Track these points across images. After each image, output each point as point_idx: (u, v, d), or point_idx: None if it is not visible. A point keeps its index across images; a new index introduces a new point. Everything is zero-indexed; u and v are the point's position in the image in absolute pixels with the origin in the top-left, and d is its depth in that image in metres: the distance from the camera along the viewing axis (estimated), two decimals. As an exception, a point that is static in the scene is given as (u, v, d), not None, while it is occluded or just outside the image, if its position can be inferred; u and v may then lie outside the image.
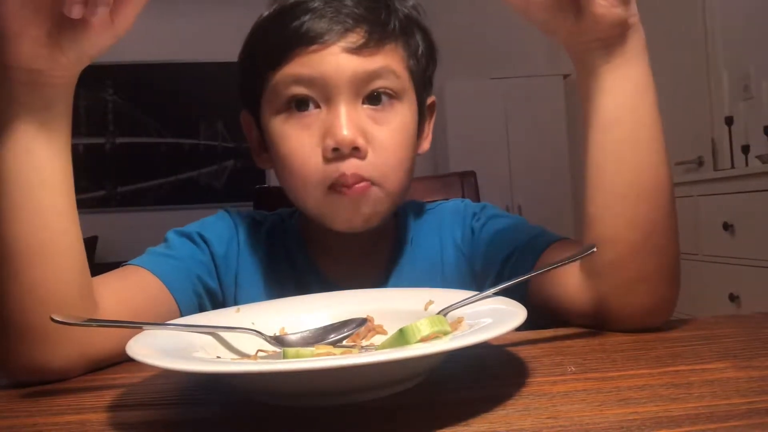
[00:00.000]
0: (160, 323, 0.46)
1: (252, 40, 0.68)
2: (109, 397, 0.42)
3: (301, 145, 0.62)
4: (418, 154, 0.70)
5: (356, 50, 0.61)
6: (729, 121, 2.51)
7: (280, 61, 0.62)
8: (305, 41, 0.61)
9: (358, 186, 0.61)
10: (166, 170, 4.25)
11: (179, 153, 4.26)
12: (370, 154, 0.62)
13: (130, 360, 0.36)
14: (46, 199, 0.47)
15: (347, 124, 0.60)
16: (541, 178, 4.02)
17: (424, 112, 0.71)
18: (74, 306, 0.49)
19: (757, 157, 2.20)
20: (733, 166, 2.43)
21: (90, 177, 4.10)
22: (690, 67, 2.85)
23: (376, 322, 0.51)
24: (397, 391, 0.37)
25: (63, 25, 0.44)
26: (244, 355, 0.46)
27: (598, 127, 0.51)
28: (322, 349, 0.43)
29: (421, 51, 0.68)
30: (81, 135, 4.09)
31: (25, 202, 0.47)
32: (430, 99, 0.73)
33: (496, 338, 0.34)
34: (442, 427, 0.31)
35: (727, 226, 2.06)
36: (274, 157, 0.67)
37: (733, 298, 2.04)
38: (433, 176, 1.30)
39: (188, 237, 0.69)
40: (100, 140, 4.17)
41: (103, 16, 0.43)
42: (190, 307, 0.64)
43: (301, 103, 0.62)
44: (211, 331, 0.46)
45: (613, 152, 0.51)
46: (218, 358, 0.44)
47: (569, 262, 0.49)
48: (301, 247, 0.73)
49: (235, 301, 0.69)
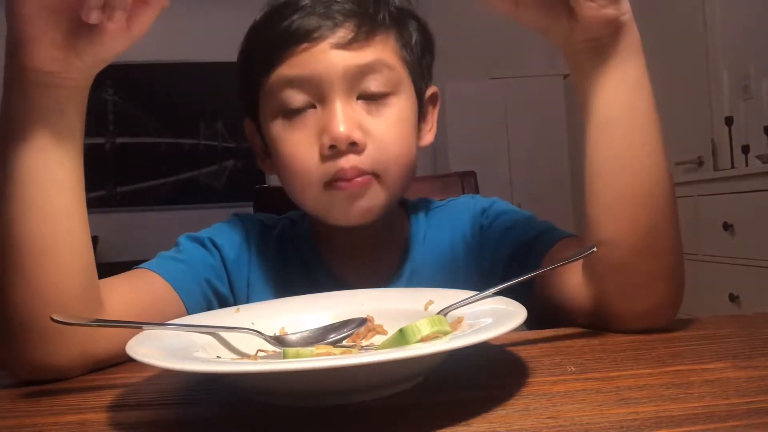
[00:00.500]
0: (160, 323, 0.46)
1: (246, 44, 0.68)
2: (109, 397, 0.42)
3: (299, 146, 0.63)
4: (421, 147, 0.70)
5: (346, 45, 0.61)
6: (729, 121, 2.51)
7: (273, 64, 0.63)
8: (295, 40, 0.61)
9: (358, 179, 0.61)
10: (166, 170, 4.25)
11: (179, 153, 4.26)
12: (369, 148, 0.62)
13: (130, 360, 0.36)
14: (57, 200, 0.48)
15: (343, 119, 0.60)
16: (541, 178, 4.02)
17: (423, 104, 0.71)
18: (80, 306, 0.49)
19: (757, 157, 2.20)
20: (733, 166, 2.43)
21: (90, 177, 4.00)
22: (690, 67, 2.86)
23: (376, 322, 0.51)
24: (397, 391, 0.37)
25: (79, 29, 0.44)
26: (244, 355, 0.46)
27: (595, 129, 0.51)
28: (322, 349, 0.43)
29: (415, 41, 0.68)
30: (81, 135, 4.08)
31: (35, 202, 0.47)
32: (431, 90, 0.73)
33: (496, 338, 0.34)
34: (442, 427, 0.31)
35: (727, 226, 2.06)
36: (275, 160, 0.67)
37: (733, 298, 2.05)
38: (433, 176, 1.30)
39: (199, 242, 0.70)
40: (100, 140, 4.17)
41: (120, 21, 0.43)
42: (199, 310, 0.63)
43: (297, 111, 0.62)
44: (212, 331, 0.47)
45: (611, 153, 0.51)
46: (218, 358, 0.44)
47: (569, 262, 0.49)
48: (312, 249, 0.73)
49: (248, 303, 0.69)
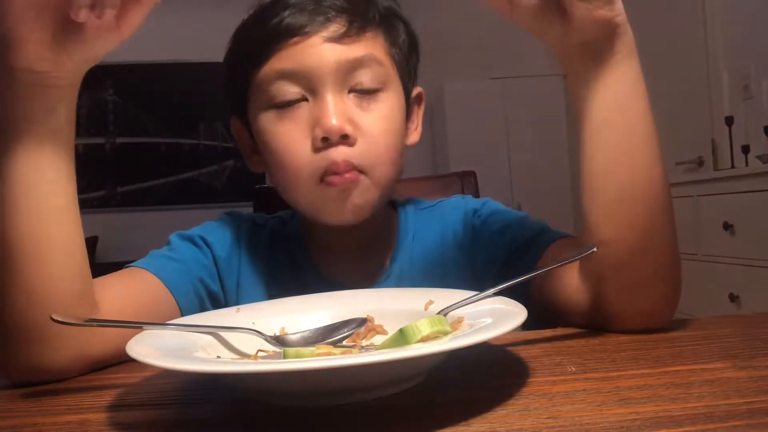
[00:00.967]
0: (160, 323, 0.46)
1: (235, 42, 0.69)
2: (109, 397, 0.42)
3: (291, 138, 0.63)
4: (408, 146, 0.71)
5: (338, 39, 0.62)
6: (729, 121, 2.51)
7: (264, 58, 0.63)
8: (286, 35, 0.62)
9: (348, 175, 0.61)
10: (166, 170, 4.25)
11: (179, 153, 4.27)
12: (359, 141, 0.62)
13: (130, 360, 0.36)
14: (49, 200, 0.47)
15: (335, 112, 0.61)
16: (541, 178, 4.03)
17: (409, 103, 0.72)
18: (74, 307, 0.49)
19: (757, 157, 2.20)
20: (733, 166, 2.43)
21: (90, 177, 4.10)
22: (690, 67, 2.86)
23: (376, 322, 0.51)
24: (397, 391, 0.37)
25: (68, 28, 0.44)
26: (244, 355, 0.46)
27: (590, 131, 0.51)
28: (322, 349, 0.43)
29: (402, 40, 0.69)
30: (81, 135, 4.03)
31: (27, 203, 0.46)
32: (417, 90, 0.74)
33: (496, 338, 0.34)
34: (442, 427, 0.31)
35: (727, 226, 2.06)
36: (266, 155, 0.67)
37: (733, 298, 2.05)
38: (433, 176, 1.30)
39: (191, 240, 0.70)
40: (100, 140, 4.17)
41: (109, 19, 0.43)
42: (192, 308, 0.64)
43: (289, 103, 0.63)
44: (212, 331, 0.46)
45: (606, 156, 0.51)
46: (218, 358, 0.44)
47: (569, 263, 0.48)
48: (302, 248, 0.73)
49: (238, 302, 0.69)
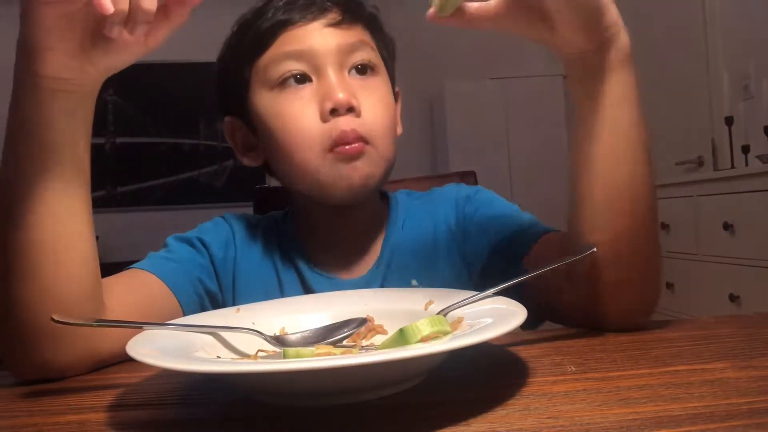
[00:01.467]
0: (161, 323, 0.46)
1: (234, 36, 0.71)
2: (109, 397, 0.42)
3: (299, 112, 0.65)
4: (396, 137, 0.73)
5: (336, 25, 0.66)
6: (729, 121, 2.51)
7: (267, 44, 0.67)
8: (289, 22, 0.66)
9: (357, 144, 0.63)
10: (166, 170, 4.24)
11: (179, 153, 4.26)
12: (363, 115, 0.65)
13: (131, 359, 0.36)
14: (64, 203, 0.48)
15: (341, 87, 0.64)
16: (541, 178, 4.02)
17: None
18: (84, 307, 0.50)
19: (757, 157, 2.20)
20: (733, 166, 2.43)
21: (90, 177, 4.10)
22: (690, 67, 2.86)
23: (376, 322, 0.51)
24: (397, 391, 0.37)
25: (96, 39, 0.44)
26: (244, 355, 0.46)
27: (579, 141, 0.51)
28: (322, 349, 0.43)
29: (385, 43, 0.73)
30: (81, 135, 4.09)
31: (42, 205, 0.47)
32: (396, 89, 0.77)
33: (496, 338, 0.34)
34: (442, 427, 0.31)
35: (727, 226, 2.06)
36: (268, 138, 0.68)
37: (733, 298, 2.04)
38: (433, 176, 1.30)
39: (188, 242, 0.70)
40: (100, 140, 4.17)
41: (140, 35, 0.44)
42: (193, 308, 0.65)
43: (294, 77, 0.65)
44: (212, 331, 0.47)
45: (593, 166, 0.51)
46: (218, 358, 0.44)
47: (568, 263, 0.48)
48: (295, 242, 0.74)
49: (234, 302, 0.70)
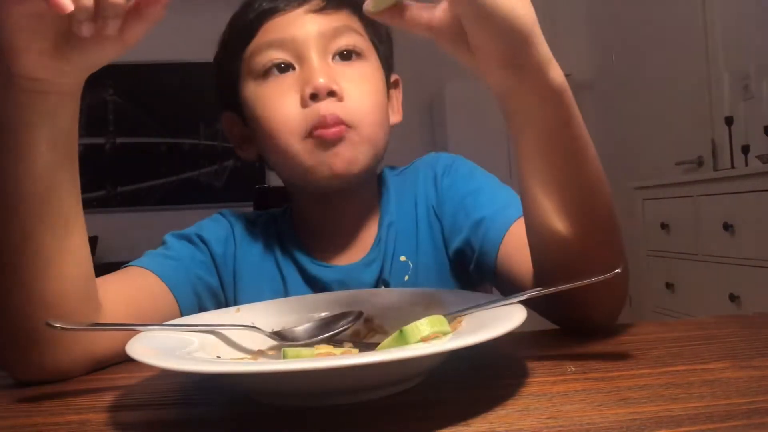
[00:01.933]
0: (159, 324, 0.46)
1: (225, 33, 0.73)
2: (109, 397, 0.42)
3: (280, 99, 0.65)
4: (391, 125, 0.73)
5: (318, 11, 0.67)
6: (729, 121, 2.51)
7: (252, 35, 0.68)
8: (271, 11, 0.67)
9: (336, 128, 0.63)
10: (166, 170, 4.24)
11: (179, 153, 4.26)
12: (345, 99, 0.65)
13: (131, 360, 0.36)
14: (53, 206, 0.47)
15: (322, 72, 0.64)
16: (541, 178, 4.02)
17: (389, 87, 0.75)
18: (79, 309, 0.50)
19: (757, 157, 2.20)
20: (733, 166, 2.43)
21: (90, 177, 4.09)
22: (690, 67, 2.85)
23: (376, 322, 0.51)
24: (397, 391, 0.37)
25: (70, 37, 0.43)
26: (244, 355, 0.46)
27: (520, 172, 0.49)
28: (322, 349, 0.43)
29: (377, 25, 0.72)
30: (81, 135, 3.94)
31: (30, 210, 0.46)
32: (394, 76, 0.77)
33: (496, 338, 0.34)
34: (442, 427, 0.31)
35: (727, 226, 2.06)
36: (255, 127, 0.69)
37: (733, 298, 2.04)
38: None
39: (187, 239, 0.70)
40: (100, 140, 4.17)
41: (113, 31, 0.42)
42: (190, 306, 0.65)
43: (276, 67, 0.66)
44: (211, 329, 0.47)
45: (532, 198, 0.49)
46: (218, 358, 0.44)
47: (592, 282, 0.43)
48: (294, 237, 0.74)
49: (235, 297, 0.70)
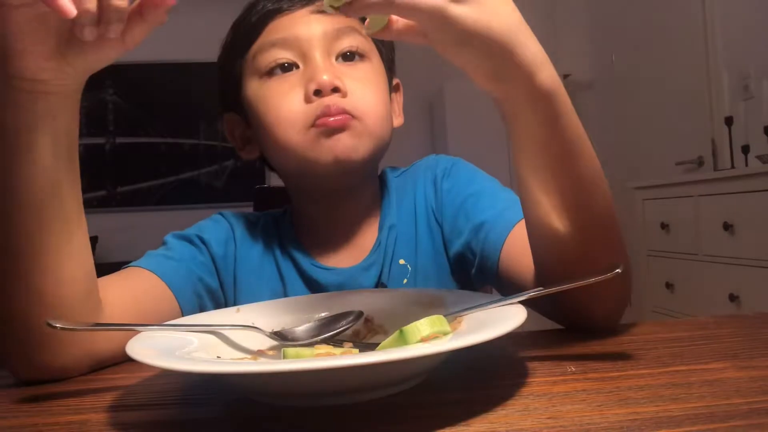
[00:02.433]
0: (159, 324, 0.46)
1: (228, 36, 0.73)
2: (109, 397, 0.42)
3: (284, 96, 0.65)
4: (394, 128, 0.73)
5: (322, 12, 0.66)
6: (729, 121, 2.51)
7: (257, 34, 0.68)
8: (275, 13, 0.68)
9: (340, 116, 0.63)
10: (166, 170, 4.24)
11: (179, 153, 4.26)
12: (349, 95, 0.65)
13: (131, 360, 0.36)
14: (53, 208, 0.47)
15: (326, 70, 0.64)
16: (541, 178, 4.02)
17: (390, 88, 0.75)
18: (80, 309, 0.50)
19: (757, 157, 2.20)
20: (733, 166, 2.43)
21: (90, 177, 4.09)
22: (690, 67, 2.85)
23: (376, 322, 0.51)
24: (397, 391, 0.37)
25: (71, 39, 0.43)
26: (244, 355, 0.46)
27: (517, 171, 0.49)
28: (322, 349, 0.43)
29: None
30: (81, 135, 4.01)
31: (30, 211, 0.46)
32: (395, 80, 0.77)
33: (496, 338, 0.34)
34: (442, 427, 0.31)
35: (727, 226, 2.06)
36: (257, 124, 0.69)
37: (733, 298, 2.04)
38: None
39: (187, 239, 0.70)
40: (100, 140, 4.17)
41: (116, 34, 0.42)
42: (191, 306, 0.64)
43: (280, 66, 0.66)
44: (211, 330, 0.47)
45: (530, 197, 0.49)
46: (218, 358, 0.44)
47: (592, 282, 0.43)
48: (294, 238, 0.74)
49: (235, 298, 0.70)
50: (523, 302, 0.43)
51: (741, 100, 2.59)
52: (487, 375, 0.41)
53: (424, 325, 0.39)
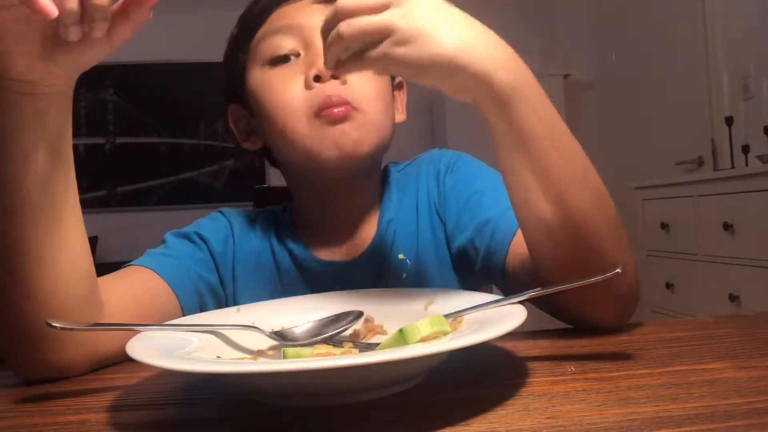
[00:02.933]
0: (160, 324, 0.46)
1: (234, 29, 0.74)
2: (109, 397, 0.42)
3: (285, 83, 0.66)
4: (396, 123, 0.73)
5: (327, 1, 0.67)
6: (729, 121, 2.51)
7: (260, 23, 0.69)
8: (279, 3, 0.69)
9: (342, 107, 0.63)
10: (166, 170, 4.24)
11: (179, 153, 4.26)
12: (350, 83, 0.65)
13: (131, 360, 0.36)
14: (47, 206, 0.47)
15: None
16: (541, 178, 4.02)
17: (393, 86, 0.75)
18: (80, 308, 0.50)
19: (757, 157, 2.20)
20: (733, 166, 2.43)
21: (90, 177, 4.09)
22: (690, 67, 2.85)
23: (376, 322, 0.51)
24: (397, 391, 0.37)
25: (57, 39, 0.42)
26: (244, 355, 0.46)
27: (500, 168, 0.51)
28: (322, 349, 0.43)
29: None
30: (81, 135, 4.08)
31: (25, 210, 0.46)
32: (398, 78, 0.77)
33: (496, 338, 0.34)
34: (442, 427, 0.31)
35: (727, 226, 2.06)
36: (260, 113, 0.69)
37: (733, 298, 2.04)
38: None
39: (186, 237, 0.70)
40: (100, 140, 4.17)
41: (101, 33, 0.41)
42: (191, 304, 0.65)
43: (283, 57, 0.67)
44: (211, 329, 0.47)
45: (514, 201, 0.52)
46: (218, 358, 0.44)
47: (592, 282, 0.44)
48: (293, 234, 0.74)
49: (234, 294, 0.70)
50: (524, 302, 0.43)
51: (741, 100, 2.59)
52: (487, 375, 0.41)
53: (424, 325, 0.39)
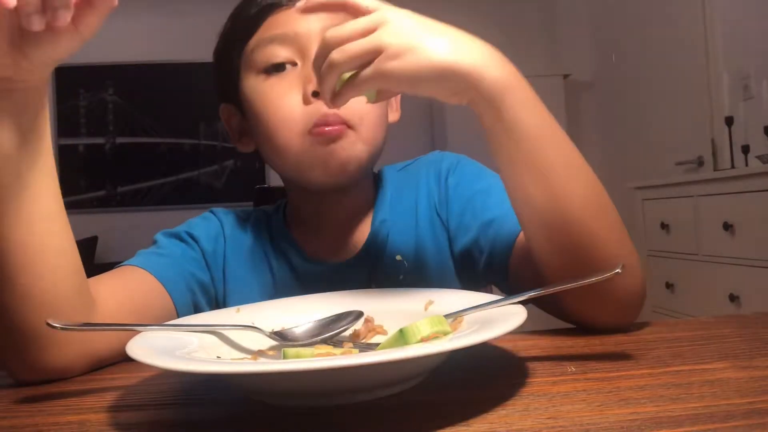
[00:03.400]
0: (159, 324, 0.46)
1: (226, 26, 0.73)
2: (109, 397, 0.42)
3: (281, 93, 0.65)
4: (390, 123, 0.73)
5: (313, 11, 0.65)
6: (729, 121, 2.51)
7: (254, 29, 0.68)
8: (275, 7, 0.67)
9: (337, 126, 0.64)
10: (166, 170, 4.24)
11: (179, 153, 4.26)
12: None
13: (130, 359, 0.36)
14: (30, 204, 0.47)
15: None
16: (541, 178, 4.02)
17: None
18: (72, 307, 0.49)
19: (757, 157, 2.20)
20: (733, 166, 2.43)
21: (90, 177, 4.10)
22: (690, 67, 2.85)
23: (376, 322, 0.51)
24: (397, 391, 0.37)
25: (25, 33, 0.41)
26: (244, 355, 0.46)
27: (497, 164, 0.53)
28: (322, 349, 0.43)
29: None
30: (81, 135, 4.08)
31: (7, 209, 0.46)
32: None
33: (496, 338, 0.34)
34: (442, 427, 0.31)
35: (727, 226, 2.06)
36: (254, 121, 0.68)
37: (733, 298, 2.04)
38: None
39: (177, 237, 0.71)
40: (100, 140, 4.17)
41: (65, 20, 0.40)
42: (185, 303, 0.65)
43: (278, 66, 0.66)
44: (211, 330, 0.47)
45: (511, 197, 0.54)
46: (218, 358, 0.44)
47: (592, 282, 0.43)
48: (286, 233, 0.74)
49: (225, 293, 0.70)
50: (525, 302, 0.43)
51: (741, 100, 2.59)
52: (487, 375, 0.41)
53: (424, 325, 0.39)
